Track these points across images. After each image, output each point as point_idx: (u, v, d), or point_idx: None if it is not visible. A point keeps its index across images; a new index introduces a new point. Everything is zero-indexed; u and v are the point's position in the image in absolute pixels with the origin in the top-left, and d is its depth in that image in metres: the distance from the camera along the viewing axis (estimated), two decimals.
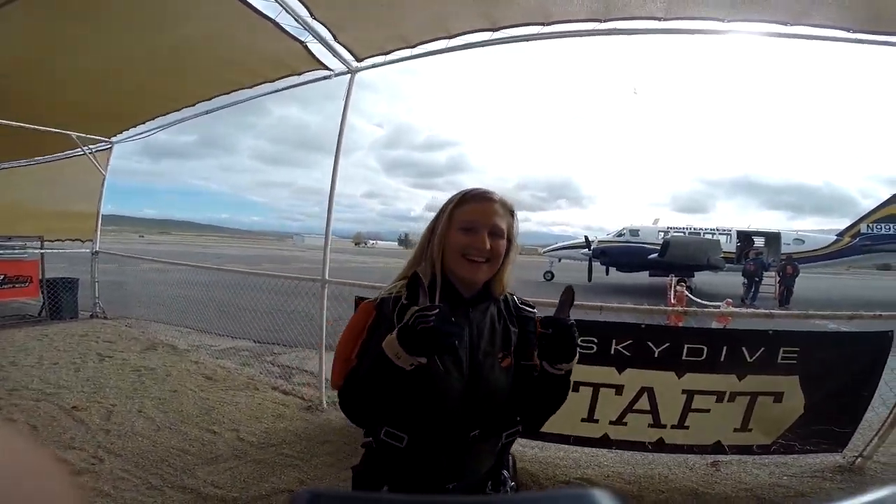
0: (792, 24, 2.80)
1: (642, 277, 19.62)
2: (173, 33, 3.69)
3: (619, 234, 20.78)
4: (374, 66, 3.93)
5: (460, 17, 3.23)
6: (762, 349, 2.61)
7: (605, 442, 2.82)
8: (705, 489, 2.67)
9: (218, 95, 4.94)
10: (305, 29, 3.46)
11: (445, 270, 1.16)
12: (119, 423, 3.21)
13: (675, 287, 9.08)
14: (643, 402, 2.72)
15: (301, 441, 3.08)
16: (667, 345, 2.68)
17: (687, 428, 2.72)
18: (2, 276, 6.46)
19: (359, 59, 3.86)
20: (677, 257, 17.00)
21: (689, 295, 8.83)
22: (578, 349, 1.09)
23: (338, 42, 3.64)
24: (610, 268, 20.01)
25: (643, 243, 19.64)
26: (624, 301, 3.39)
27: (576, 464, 2.94)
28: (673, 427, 2.73)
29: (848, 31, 2.72)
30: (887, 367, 2.70)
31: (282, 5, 3.20)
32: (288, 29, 3.47)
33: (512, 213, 1.20)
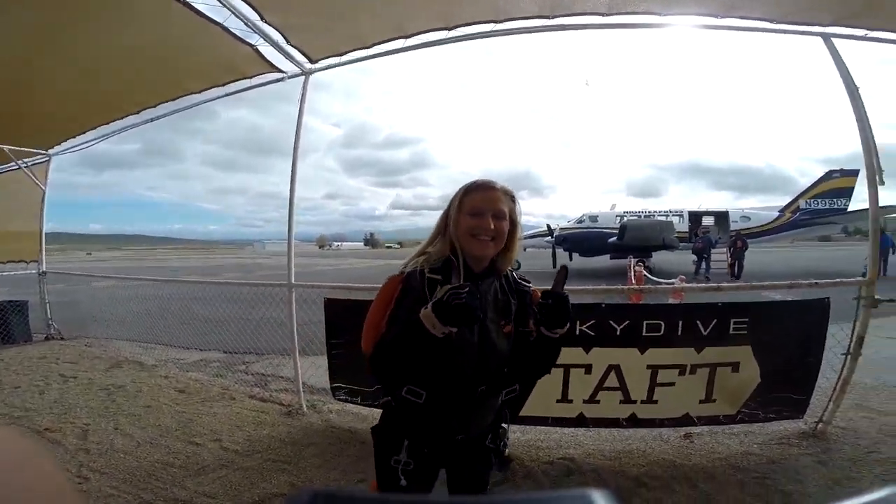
0: (722, 17, 3.02)
1: (604, 261, 20.35)
2: (114, 38, 3.52)
3: (580, 221, 21.61)
4: (328, 67, 3.90)
5: (416, 17, 3.28)
6: (714, 321, 2.81)
7: (581, 421, 2.95)
8: (682, 461, 2.81)
9: (164, 102, 4.73)
10: (255, 32, 3.40)
11: (458, 248, 1.35)
12: (97, 442, 3.14)
13: (633, 268, 9.53)
14: (612, 380, 2.87)
15: (286, 445, 3.11)
16: (627, 322, 2.84)
17: (656, 402, 2.88)
18: None
19: (312, 61, 3.82)
20: (634, 239, 17.80)
21: (647, 274, 9.30)
22: (570, 316, 1.31)
23: (290, 45, 3.59)
24: (573, 253, 20.67)
25: (602, 228, 20.47)
26: (588, 284, 3.56)
27: (557, 444, 3.06)
28: (643, 402, 2.88)
29: (771, 21, 2.97)
30: (830, 334, 2.88)
31: (229, 9, 3.13)
32: (236, 32, 3.40)
33: (513, 199, 1.40)
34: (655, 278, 9.41)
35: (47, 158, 6.59)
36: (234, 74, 4.11)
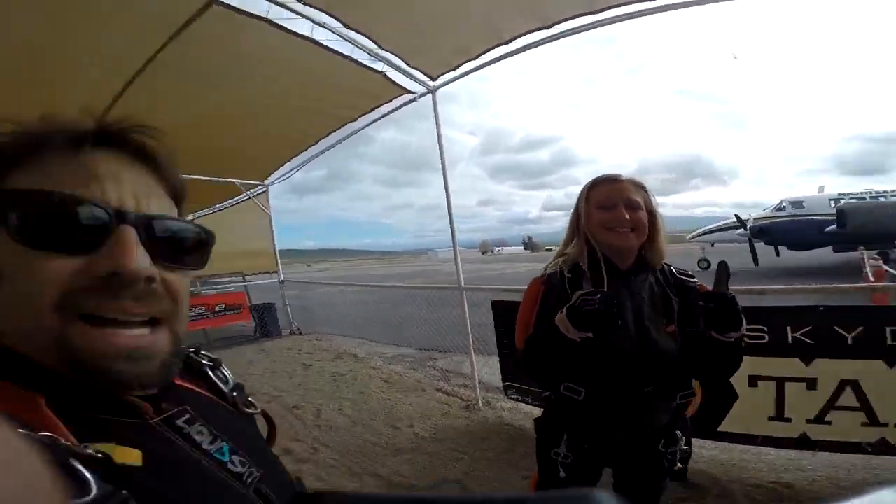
0: None
1: (823, 255, 16.44)
2: (278, 82, 4.36)
3: (779, 209, 17.60)
4: (449, 81, 4.15)
5: (512, 20, 3.28)
6: None
7: (804, 443, 2.45)
8: None
9: (331, 132, 5.77)
10: (379, 60, 3.92)
11: (599, 247, 1.31)
12: (326, 420, 3.96)
13: (869, 262, 7.53)
14: (847, 398, 2.32)
15: (464, 437, 3.42)
16: (861, 328, 2.26)
17: None
18: (223, 306, 8.33)
19: (433, 79, 4.13)
20: (862, 227, 13.86)
21: (889, 269, 7.26)
22: (744, 319, 1.18)
23: (410, 66, 4.01)
24: (780, 247, 17.21)
25: (811, 215, 16.44)
26: (805, 282, 2.96)
27: (769, 467, 2.62)
28: None
29: None
30: None
31: (352, 42, 3.66)
32: (366, 63, 3.96)
33: (644, 189, 1.34)
34: None
35: (265, 188, 8.37)
36: (375, 101, 4.81)
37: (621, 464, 1.41)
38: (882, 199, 16.43)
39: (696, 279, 1.39)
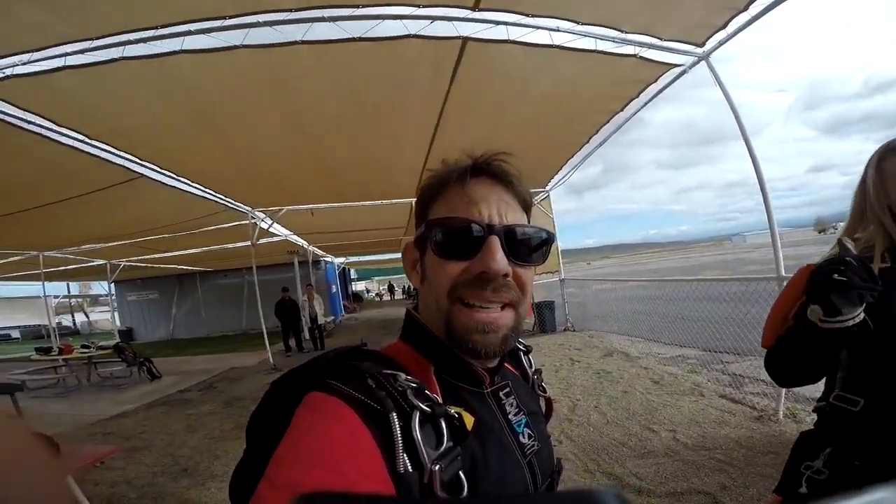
0: None
1: None
2: (537, 93, 4.44)
3: None
4: (721, 42, 3.56)
5: None
6: None
7: None
8: None
9: (601, 127, 5.59)
10: (628, 44, 3.61)
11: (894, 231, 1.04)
12: (579, 415, 3.89)
13: None
14: None
15: (740, 448, 2.74)
16: None
17: None
18: None
19: (700, 44, 3.59)
20: None
21: None
22: None
23: (667, 41, 3.60)
24: None
25: None
26: None
27: None
28: None
29: None
30: None
31: (594, 37, 3.53)
32: (619, 52, 3.72)
33: None
34: None
35: (547, 195, 8.89)
36: (641, 84, 4.44)
37: None
38: None
39: None
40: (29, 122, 3.55)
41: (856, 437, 1.05)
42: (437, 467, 0.44)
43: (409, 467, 0.44)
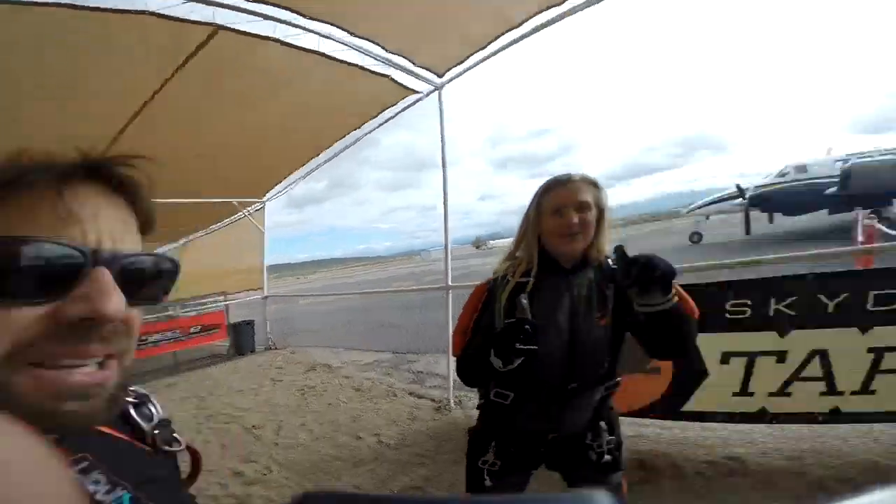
0: None
1: (820, 219, 16.39)
2: (284, 98, 4.22)
3: (782, 175, 17.28)
4: (457, 76, 4.04)
5: (521, 2, 3.11)
6: None
7: (761, 417, 2.40)
8: (890, 461, 2.13)
9: (336, 141, 5.58)
10: (386, 63, 3.77)
11: (546, 248, 1.32)
12: (286, 437, 3.72)
13: (863, 222, 7.28)
14: (813, 369, 2.26)
15: (430, 440, 3.23)
16: (845, 295, 2.17)
17: (873, 393, 2.17)
18: (200, 327, 8.04)
19: (440, 76, 4.03)
20: (864, 186, 13.67)
21: (884, 228, 7.04)
22: (663, 278, 1.13)
23: (417, 66, 3.88)
24: (775, 214, 17.07)
25: (814, 179, 16.17)
26: (796, 249, 2.82)
27: (723, 442, 2.55)
28: (854, 393, 2.21)
29: None
30: None
31: (360, 51, 3.55)
32: (372, 69, 3.82)
33: (596, 186, 1.32)
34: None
35: (262, 205, 8.23)
36: (382, 105, 4.66)
37: (552, 463, 1.42)
38: (890, 156, 15.87)
39: None
40: None
41: (508, 427, 1.35)
42: None
43: None
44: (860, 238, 7.13)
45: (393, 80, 4.03)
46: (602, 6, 3.05)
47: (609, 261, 1.36)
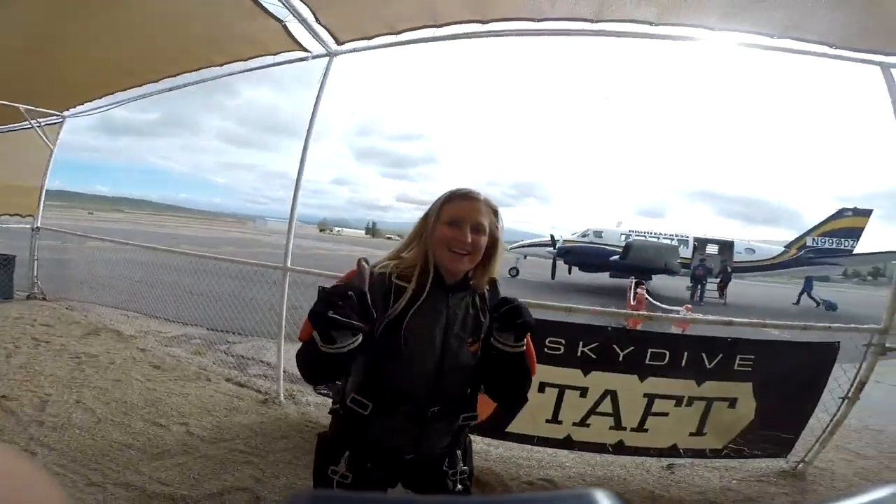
0: (778, 37, 2.83)
1: (603, 278, 20.15)
2: (140, 5, 3.41)
3: (584, 235, 21.06)
4: (354, 50, 3.76)
5: (450, 5, 3.11)
6: (720, 356, 2.70)
7: (567, 443, 2.84)
8: (661, 492, 2.72)
9: (185, 73, 4.64)
10: (286, 7, 3.28)
11: (435, 260, 1.26)
12: (54, 415, 2.96)
13: (634, 289, 9.29)
14: (606, 405, 2.76)
15: (256, 436, 2.94)
16: (631, 348, 2.71)
17: (646, 431, 2.78)
18: None
19: (339, 43, 3.68)
20: (638, 260, 17.54)
21: (649, 297, 9.05)
22: (526, 326, 1.21)
23: (319, 23, 3.46)
24: (573, 267, 20.41)
25: (606, 245, 20.04)
26: (585, 301, 3.40)
27: (539, 464, 2.95)
28: (633, 430, 2.79)
29: (830, 46, 2.74)
30: (831, 377, 2.85)
31: None
32: (268, 7, 3.28)
33: (495, 213, 1.31)
34: (657, 303, 9.16)
35: (61, 120, 6.51)
36: (259, 50, 4.00)
37: (413, 485, 1.39)
38: (658, 238, 20.85)
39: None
40: None
41: (366, 439, 1.27)
42: None
43: None
44: (632, 301, 9.03)
45: (286, 27, 3.53)
46: (518, 39, 3.29)
47: (494, 291, 1.38)
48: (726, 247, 20.97)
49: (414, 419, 1.25)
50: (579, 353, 2.70)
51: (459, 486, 1.39)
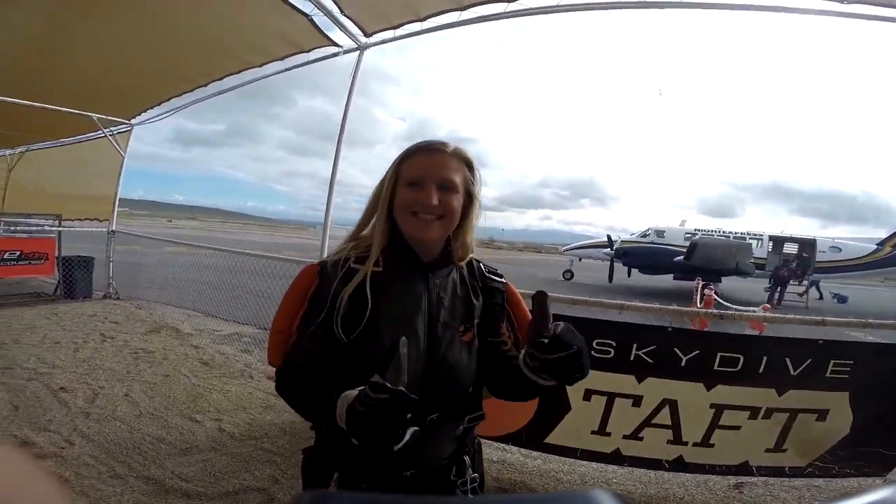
0: (847, 2, 2.45)
1: (666, 281, 18.85)
2: (179, 15, 3.63)
3: (644, 235, 19.74)
4: (383, 41, 3.77)
5: None
6: (809, 361, 2.27)
7: (616, 458, 2.50)
8: None
9: (228, 76, 4.91)
10: (310, 1, 3.32)
11: (401, 231, 1.05)
12: (101, 407, 3.08)
13: (702, 291, 8.56)
14: (664, 416, 2.40)
15: (284, 436, 2.88)
16: (696, 352, 2.34)
17: (712, 446, 2.40)
18: (18, 252, 6.49)
19: (367, 34, 3.70)
20: (705, 260, 16.12)
21: (718, 299, 8.29)
22: (571, 375, 0.91)
23: (344, 15, 3.48)
24: (632, 269, 19.27)
25: (669, 245, 18.69)
26: (652, 303, 3.01)
27: (582, 480, 2.64)
28: (695, 444, 2.41)
29: None
30: None
31: None
32: (292, 1, 3.34)
33: (469, 166, 1.08)
34: (728, 304, 8.37)
35: (130, 128, 7.02)
36: (292, 48, 4.14)
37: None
38: (727, 237, 19.14)
39: (504, 279, 1.19)
40: None
41: (356, 458, 1.06)
42: None
43: None
44: (699, 304, 8.34)
45: (312, 21, 3.57)
46: (554, 17, 3.09)
47: (481, 264, 1.17)
48: (807, 245, 18.79)
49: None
50: (633, 357, 2.37)
51: (471, 496, 1.16)
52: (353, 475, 1.07)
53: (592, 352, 2.33)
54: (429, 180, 1.01)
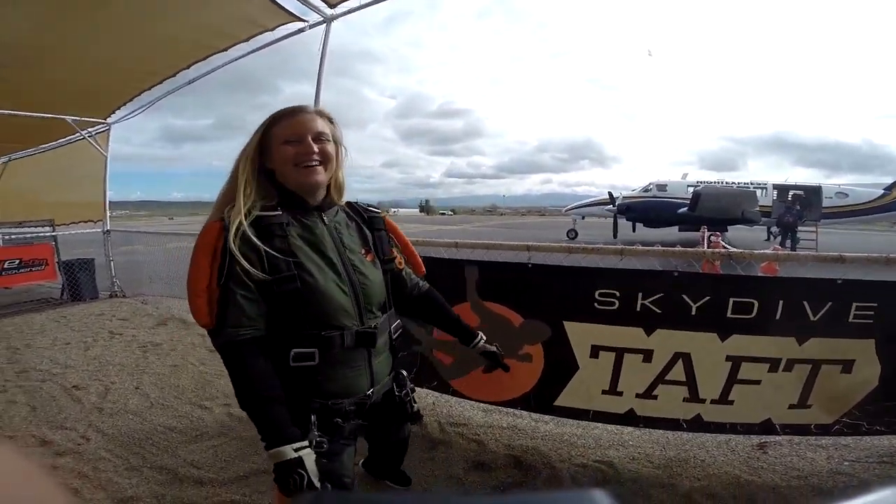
0: None
1: (671, 233, 18.74)
2: (137, 9, 3.52)
3: (646, 190, 19.42)
4: (349, 10, 3.66)
5: None
6: (829, 304, 2.02)
7: (630, 418, 2.31)
8: (750, 476, 2.23)
9: (196, 63, 4.77)
10: None
11: (286, 186, 1.20)
12: (113, 401, 3.10)
13: (708, 240, 8.45)
14: (677, 372, 2.20)
15: None
16: (707, 298, 2.10)
17: (731, 403, 2.19)
18: (17, 261, 6.49)
19: (331, 5, 3.56)
20: (709, 210, 15.76)
21: (726, 245, 8.20)
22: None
23: None
24: (637, 224, 19.16)
25: (671, 198, 18.41)
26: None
27: (596, 443, 2.54)
28: (714, 402, 2.20)
29: None
30: None
31: None
32: None
33: (331, 120, 1.26)
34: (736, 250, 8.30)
35: (107, 127, 6.91)
36: (255, 28, 4.03)
37: (374, 424, 1.36)
38: (730, 186, 18.68)
39: (380, 210, 1.43)
40: None
41: (324, 393, 1.22)
42: None
43: None
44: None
45: None
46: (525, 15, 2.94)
47: (357, 202, 1.39)
48: (812, 192, 18.17)
49: (360, 343, 1.21)
50: (639, 308, 2.16)
51: (416, 405, 1.44)
52: (327, 413, 1.19)
53: (595, 304, 2.18)
54: (305, 135, 1.18)
